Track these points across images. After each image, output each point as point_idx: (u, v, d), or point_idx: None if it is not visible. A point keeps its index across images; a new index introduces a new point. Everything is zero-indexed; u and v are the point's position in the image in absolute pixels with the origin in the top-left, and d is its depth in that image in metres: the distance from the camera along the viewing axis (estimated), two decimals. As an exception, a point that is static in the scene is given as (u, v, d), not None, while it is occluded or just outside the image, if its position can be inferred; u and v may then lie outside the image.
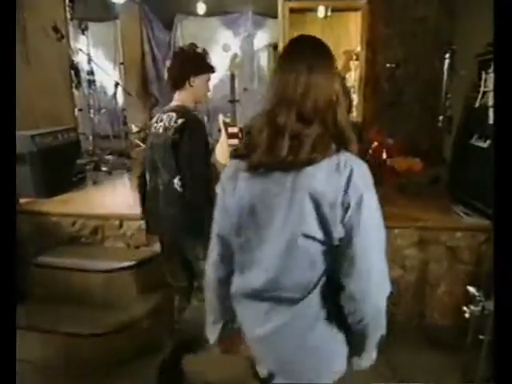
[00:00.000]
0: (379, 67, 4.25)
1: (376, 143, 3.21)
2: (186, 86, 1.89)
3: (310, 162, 0.91)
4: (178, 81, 1.90)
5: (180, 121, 1.79)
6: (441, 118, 3.09)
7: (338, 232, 0.92)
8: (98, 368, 2.17)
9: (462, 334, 2.18)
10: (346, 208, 0.90)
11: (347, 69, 3.61)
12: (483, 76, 1.58)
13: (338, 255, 0.95)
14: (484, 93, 1.60)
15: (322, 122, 0.94)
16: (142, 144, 5.05)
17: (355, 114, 5.10)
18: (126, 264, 2.50)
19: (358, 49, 4.93)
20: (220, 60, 5.03)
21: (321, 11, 5.63)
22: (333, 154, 0.93)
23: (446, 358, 2.26)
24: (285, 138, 0.91)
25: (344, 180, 0.90)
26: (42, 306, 2.45)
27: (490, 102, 1.54)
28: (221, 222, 1.09)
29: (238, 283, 1.09)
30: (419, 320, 2.54)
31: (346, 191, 0.90)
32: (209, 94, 2.05)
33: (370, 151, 3.27)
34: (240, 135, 3.49)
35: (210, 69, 1.98)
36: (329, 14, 5.67)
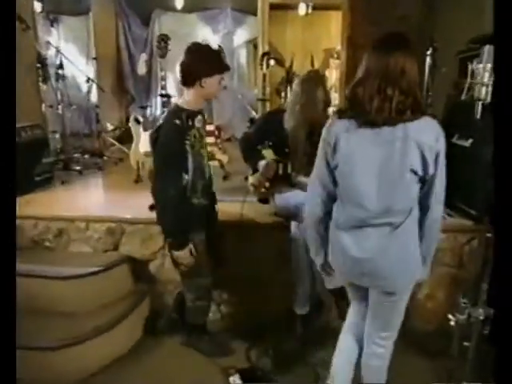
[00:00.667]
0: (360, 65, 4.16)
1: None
2: (196, 85, 1.79)
3: (411, 119, 1.29)
4: (188, 80, 1.80)
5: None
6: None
7: (431, 170, 1.33)
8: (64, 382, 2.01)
9: (446, 339, 2.10)
10: (436, 153, 1.32)
11: (326, 66, 3.51)
12: (469, 67, 1.49)
13: (427, 188, 1.38)
14: (468, 88, 1.51)
15: (413, 94, 1.29)
16: (116, 143, 4.85)
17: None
18: (92, 270, 2.33)
19: (339, 47, 4.87)
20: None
21: (302, 8, 5.53)
22: (421, 116, 1.31)
23: (429, 365, 2.18)
24: (393, 104, 1.27)
25: (435, 134, 1.32)
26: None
27: (478, 95, 1.44)
28: (324, 170, 1.42)
29: (345, 216, 1.42)
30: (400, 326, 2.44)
31: (437, 141, 1.32)
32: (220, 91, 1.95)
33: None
34: (217, 133, 3.36)
35: (225, 68, 1.86)
36: (309, 11, 5.58)
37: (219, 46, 1.91)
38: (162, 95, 2.66)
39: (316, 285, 2.26)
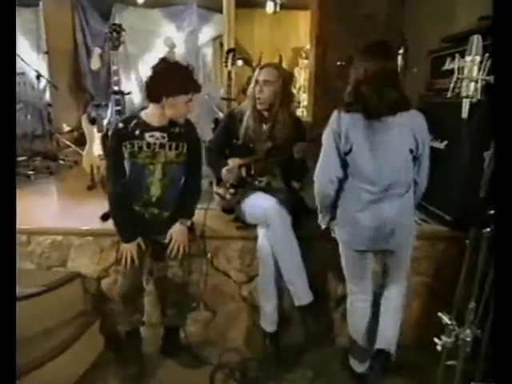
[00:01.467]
0: (329, 65, 4.05)
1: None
2: (160, 103, 1.73)
3: (405, 110, 1.64)
4: (151, 96, 1.74)
5: None
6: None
7: (420, 150, 1.69)
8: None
9: (423, 352, 2.04)
10: (423, 137, 1.69)
11: (295, 64, 3.36)
12: (456, 61, 1.36)
13: (417, 165, 1.75)
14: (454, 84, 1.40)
15: (403, 90, 1.66)
16: (71, 144, 4.50)
17: (305, 114, 4.93)
18: (35, 290, 2.04)
19: (308, 46, 4.74)
20: (161, 55, 4.62)
21: (269, 7, 5.39)
22: (410, 109, 1.67)
23: (407, 381, 2.05)
24: (392, 98, 1.59)
25: (421, 121, 1.71)
26: None
27: (466, 91, 1.31)
28: (335, 156, 1.69)
29: (357, 194, 1.72)
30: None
31: (422, 127, 1.70)
32: (191, 115, 1.86)
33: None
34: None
35: (193, 88, 1.74)
36: (278, 10, 5.45)
37: (188, 65, 1.76)
38: (114, 92, 2.39)
39: (283, 301, 2.08)
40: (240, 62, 5.45)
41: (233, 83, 3.39)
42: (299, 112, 5.35)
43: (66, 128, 5.01)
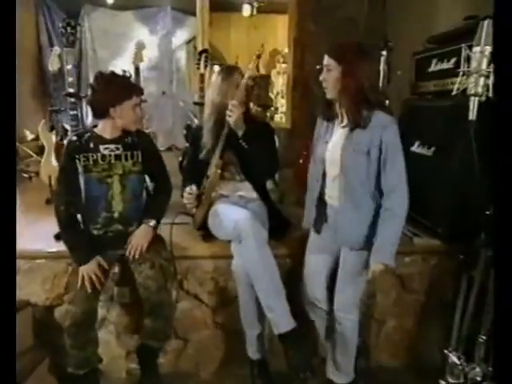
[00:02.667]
0: (308, 69, 3.88)
1: (306, 152, 2.79)
2: (108, 116, 1.70)
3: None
4: (97, 112, 1.72)
5: None
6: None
7: (380, 153, 1.57)
8: None
9: (415, 375, 1.95)
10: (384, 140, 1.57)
11: (272, 67, 3.18)
12: (464, 54, 1.18)
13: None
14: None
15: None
16: (32, 153, 4.16)
17: (284, 120, 4.76)
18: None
19: (286, 50, 4.58)
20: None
21: (246, 10, 5.21)
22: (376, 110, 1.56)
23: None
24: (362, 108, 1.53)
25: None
26: None
27: (474, 88, 1.13)
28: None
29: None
30: (364, 363, 2.10)
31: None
32: (143, 118, 1.82)
33: (301, 160, 2.85)
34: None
35: (134, 92, 1.72)
36: (254, 13, 5.28)
37: (124, 71, 1.93)
38: (68, 94, 2.13)
39: (264, 329, 1.85)
40: (217, 68, 5.26)
41: (206, 87, 3.17)
42: (277, 118, 5.18)
43: (30, 136, 4.67)
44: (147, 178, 1.90)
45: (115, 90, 1.66)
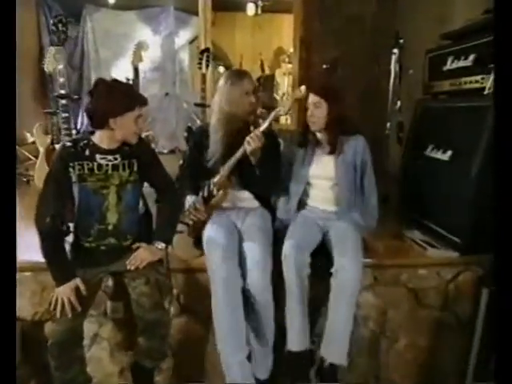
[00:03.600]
0: (314, 69, 3.74)
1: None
2: (106, 127, 1.56)
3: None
4: (95, 122, 1.58)
5: None
6: (388, 124, 2.61)
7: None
8: None
9: None
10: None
11: (277, 66, 3.05)
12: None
13: None
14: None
15: None
16: (31, 157, 4.06)
17: (290, 122, 4.62)
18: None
19: (291, 50, 4.44)
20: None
21: (250, 9, 5.08)
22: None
23: None
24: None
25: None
26: None
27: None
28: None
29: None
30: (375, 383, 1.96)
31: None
32: (144, 131, 1.70)
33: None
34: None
35: (138, 102, 1.58)
36: (259, 12, 5.15)
37: (127, 80, 1.82)
38: (59, 96, 2.01)
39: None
40: (222, 69, 5.15)
41: (208, 87, 3.05)
42: (283, 120, 5.05)
43: (30, 138, 4.57)
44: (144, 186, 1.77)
45: (117, 99, 1.52)
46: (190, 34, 5.51)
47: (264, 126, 1.73)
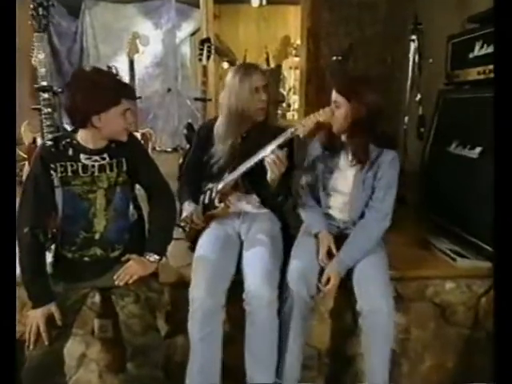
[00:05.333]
0: (324, 61, 3.52)
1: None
2: (89, 125, 1.36)
3: None
4: (76, 120, 1.39)
5: None
6: (406, 118, 2.38)
7: None
8: None
9: None
10: None
11: (284, 56, 2.84)
12: None
13: None
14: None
15: None
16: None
17: (296, 118, 4.42)
18: None
19: (298, 42, 4.22)
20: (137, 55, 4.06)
21: (255, 0, 4.88)
22: None
23: None
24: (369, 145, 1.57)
25: None
26: None
27: None
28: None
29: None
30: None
31: None
32: (131, 126, 1.49)
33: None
34: (144, 142, 2.55)
35: (124, 95, 1.38)
36: (264, 3, 4.95)
37: (109, 67, 1.61)
38: (40, 89, 1.80)
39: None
40: (226, 65, 4.96)
41: (210, 81, 2.84)
42: (290, 116, 4.84)
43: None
44: (137, 188, 1.57)
45: (99, 93, 1.32)
46: (192, 28, 5.33)
47: (277, 143, 1.49)
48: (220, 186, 1.61)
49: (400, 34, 3.20)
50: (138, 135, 2.55)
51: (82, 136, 1.42)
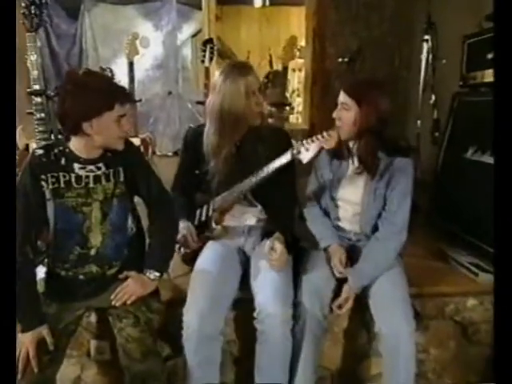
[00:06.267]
0: (329, 62, 3.42)
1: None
2: (81, 133, 1.25)
3: None
4: (67, 127, 1.28)
5: None
6: (419, 122, 2.27)
7: None
8: None
9: None
10: None
11: (290, 56, 2.74)
12: None
13: None
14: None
15: None
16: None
17: (300, 121, 4.32)
18: None
19: (302, 43, 4.12)
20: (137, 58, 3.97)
21: (257, 0, 4.79)
22: None
23: None
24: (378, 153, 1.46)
25: None
26: None
27: None
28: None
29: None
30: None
31: None
32: (128, 134, 1.34)
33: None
34: (142, 149, 2.45)
35: (118, 99, 1.25)
36: (267, 3, 4.86)
37: (102, 69, 1.53)
38: (33, 93, 1.69)
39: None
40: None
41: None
42: (293, 119, 4.74)
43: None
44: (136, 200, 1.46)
45: (90, 97, 1.21)
46: (193, 30, 5.24)
47: (277, 164, 1.39)
48: (216, 203, 1.49)
49: (408, 33, 3.11)
50: (138, 141, 2.44)
51: (75, 144, 1.31)
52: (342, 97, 1.43)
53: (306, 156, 1.34)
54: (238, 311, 1.47)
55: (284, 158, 1.37)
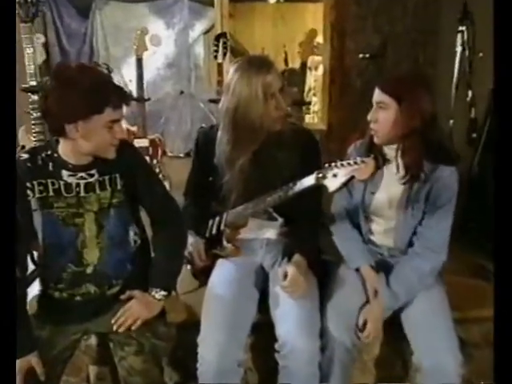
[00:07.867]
0: (349, 59, 3.24)
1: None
2: (63, 136, 1.13)
3: None
4: (52, 127, 1.16)
5: None
6: (451, 122, 2.07)
7: None
8: None
9: None
10: None
11: (309, 52, 2.57)
12: None
13: None
14: None
15: None
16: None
17: (316, 121, 4.15)
18: None
19: (320, 40, 3.94)
20: (148, 56, 3.85)
21: (271, -4, 4.65)
22: None
23: None
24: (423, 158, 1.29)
25: None
26: None
27: None
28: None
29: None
30: None
31: None
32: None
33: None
34: (151, 151, 2.31)
35: (110, 100, 1.09)
36: (281, 0, 4.71)
37: (96, 63, 1.29)
38: (26, 89, 1.54)
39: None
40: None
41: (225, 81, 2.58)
42: (309, 118, 4.57)
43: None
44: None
45: (76, 96, 1.06)
46: (205, 28, 5.12)
47: (298, 189, 1.22)
48: (230, 216, 1.33)
49: (433, 27, 2.93)
50: (147, 142, 2.29)
51: (63, 148, 1.17)
52: (378, 95, 1.25)
53: (333, 184, 1.14)
54: (256, 336, 1.29)
55: (306, 182, 1.18)
